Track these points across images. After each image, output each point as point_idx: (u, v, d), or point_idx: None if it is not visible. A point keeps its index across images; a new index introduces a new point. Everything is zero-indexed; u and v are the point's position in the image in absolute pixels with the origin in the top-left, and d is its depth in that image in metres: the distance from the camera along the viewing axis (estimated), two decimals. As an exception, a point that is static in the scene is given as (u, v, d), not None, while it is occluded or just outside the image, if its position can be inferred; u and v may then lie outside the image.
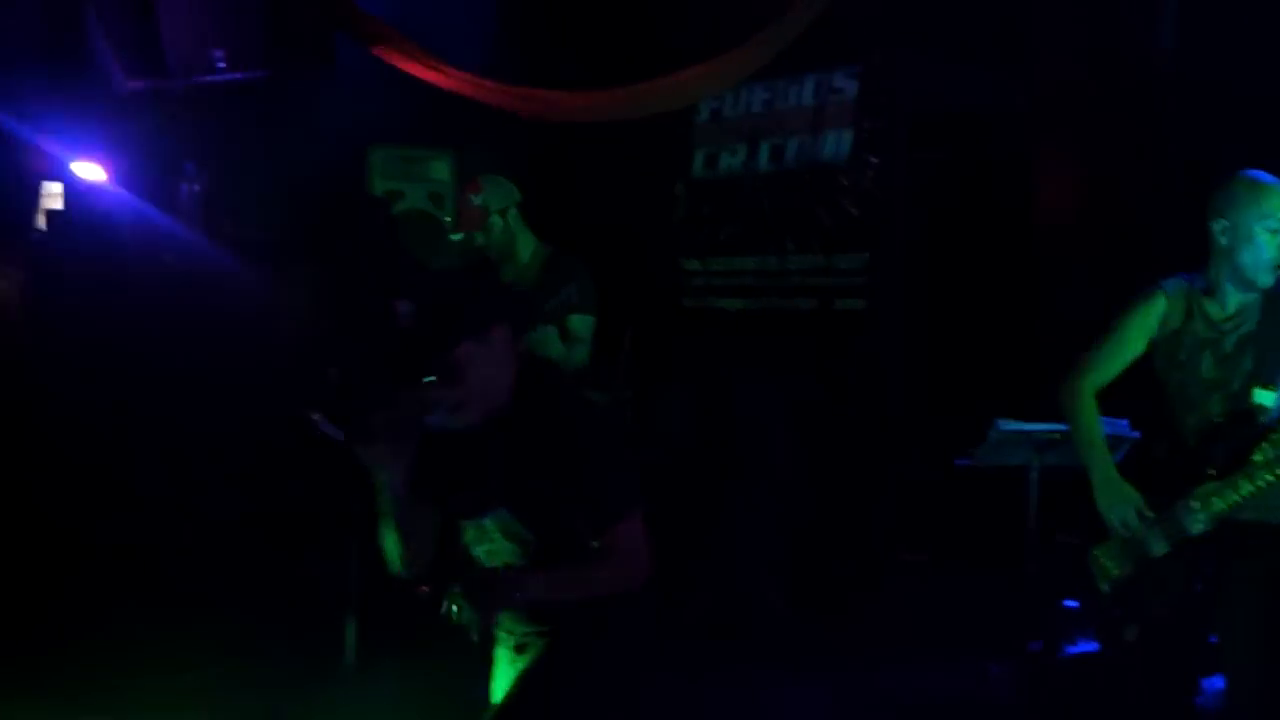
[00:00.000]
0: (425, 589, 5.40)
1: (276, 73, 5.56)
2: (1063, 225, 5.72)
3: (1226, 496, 3.50)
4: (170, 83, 5.55)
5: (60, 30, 5.48)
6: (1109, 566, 3.71)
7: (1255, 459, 3.49)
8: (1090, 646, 4.87)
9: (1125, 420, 4.25)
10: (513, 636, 3.03)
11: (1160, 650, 3.69)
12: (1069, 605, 4.92)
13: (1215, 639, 3.64)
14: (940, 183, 6.30)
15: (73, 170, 5.16)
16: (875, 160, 6.36)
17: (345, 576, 4.59)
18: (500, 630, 3.06)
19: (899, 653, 5.53)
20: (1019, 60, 5.58)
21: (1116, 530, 3.64)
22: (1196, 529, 3.55)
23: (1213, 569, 3.57)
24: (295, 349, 5.38)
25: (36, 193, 5.82)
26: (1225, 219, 3.58)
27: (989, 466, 4.77)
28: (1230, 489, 3.49)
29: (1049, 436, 4.58)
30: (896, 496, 6.14)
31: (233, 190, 5.80)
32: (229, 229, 5.59)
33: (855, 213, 6.43)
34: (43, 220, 5.70)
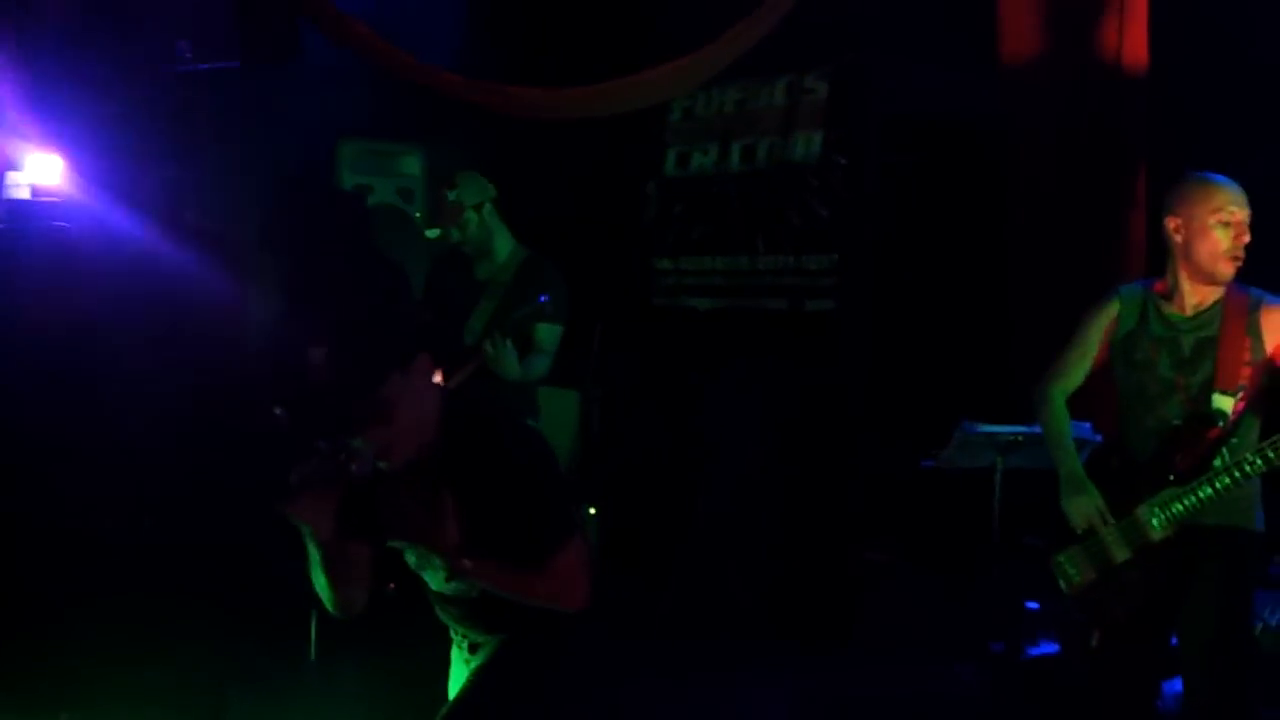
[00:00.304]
0: (391, 586, 5.39)
1: (243, 65, 5.51)
2: (1032, 228, 5.73)
3: (1186, 500, 3.52)
4: (137, 72, 5.51)
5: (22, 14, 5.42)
6: (1071, 572, 3.73)
7: (1215, 464, 3.52)
8: (1051, 648, 4.90)
9: (1088, 424, 4.28)
10: (467, 639, 3.01)
11: (1121, 653, 3.71)
12: (1031, 607, 4.95)
13: (1176, 642, 3.66)
14: (910, 185, 6.31)
15: (29, 162, 5.10)
16: (845, 162, 6.36)
17: (308, 572, 4.55)
18: (455, 635, 3.04)
19: (864, 653, 5.55)
20: (990, 63, 5.58)
21: (1077, 527, 3.67)
22: (1157, 534, 3.57)
23: (1174, 573, 3.59)
24: (261, 344, 5.36)
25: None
26: (1178, 215, 3.61)
27: (954, 468, 4.78)
28: (1190, 493, 3.52)
29: (1013, 438, 4.61)
30: (863, 497, 6.15)
31: (199, 182, 5.75)
32: (193, 221, 5.56)
33: (825, 214, 6.44)
34: None
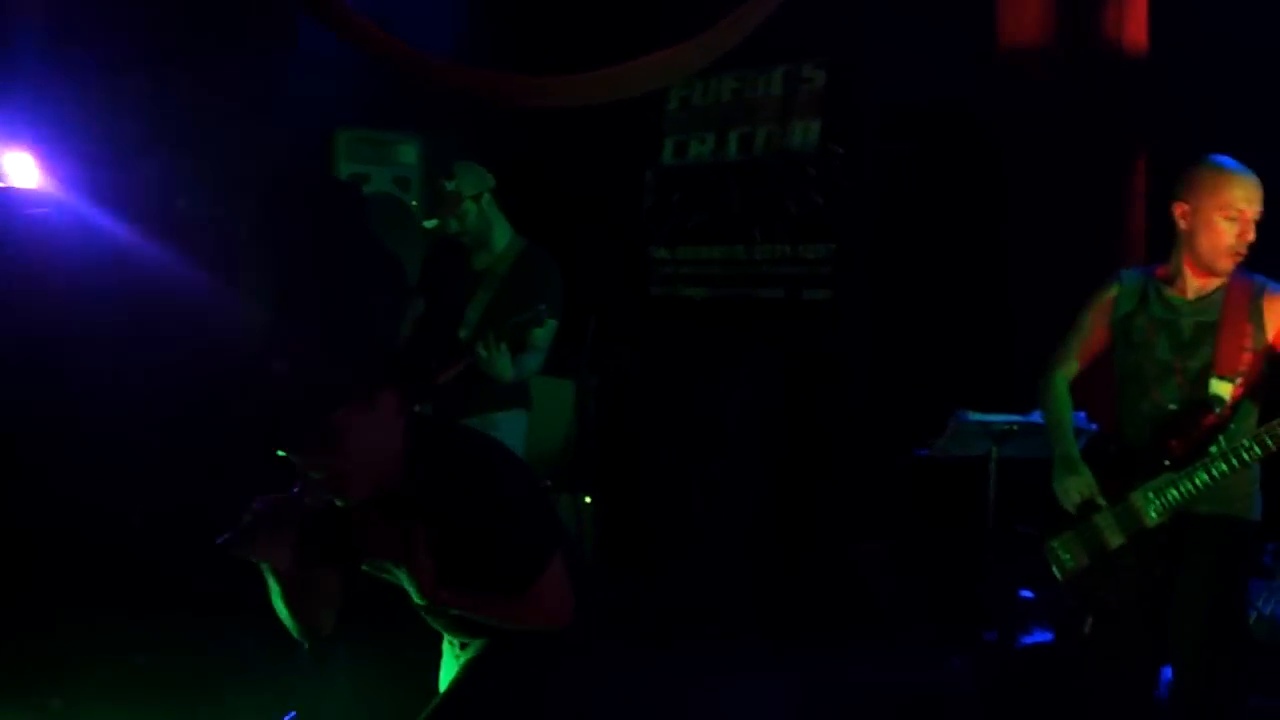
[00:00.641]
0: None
1: (240, 54, 5.50)
2: (1031, 216, 5.71)
3: (1181, 487, 3.51)
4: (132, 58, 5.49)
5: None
6: (1065, 558, 3.72)
7: (1211, 450, 3.50)
8: (1045, 637, 4.89)
9: (1082, 413, 4.26)
10: (455, 639, 3.00)
11: (1115, 641, 3.70)
12: (1025, 596, 4.94)
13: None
14: (908, 173, 6.29)
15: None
16: (842, 150, 6.34)
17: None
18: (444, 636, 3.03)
19: (858, 642, 5.54)
20: (989, 51, 5.56)
21: (1069, 507, 3.66)
22: (1152, 520, 3.56)
23: (1168, 560, 3.58)
24: (249, 337, 5.34)
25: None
26: (1186, 203, 3.60)
27: (948, 457, 4.77)
28: (1185, 479, 3.51)
29: (1008, 428, 4.59)
30: (858, 486, 6.14)
31: (191, 171, 5.74)
32: (185, 210, 5.55)
33: (822, 203, 6.42)
34: None
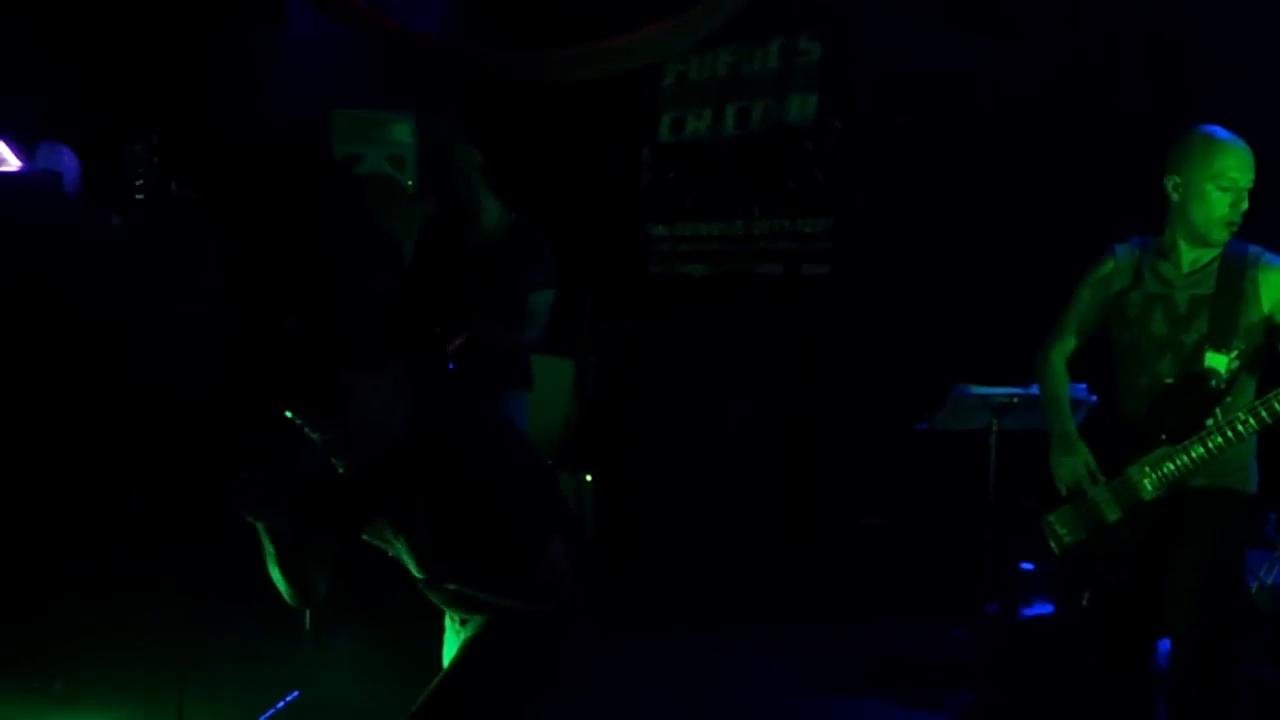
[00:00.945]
0: (390, 555, 5.36)
1: (230, 32, 5.47)
2: (1030, 190, 5.70)
3: (1178, 460, 3.50)
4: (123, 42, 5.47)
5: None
6: (1062, 532, 3.71)
7: (1208, 423, 3.49)
8: (1046, 609, 4.89)
9: (1083, 385, 4.25)
10: (457, 615, 3.00)
11: (1113, 614, 3.70)
12: (1026, 568, 4.94)
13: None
14: (906, 147, 6.26)
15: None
16: (840, 124, 6.31)
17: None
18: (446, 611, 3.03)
19: (859, 615, 5.55)
20: (986, 23, 5.53)
21: (1065, 484, 3.65)
22: (1148, 494, 3.56)
23: (1164, 534, 3.57)
24: (244, 314, 5.33)
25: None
26: (1178, 175, 3.56)
27: (948, 430, 4.76)
28: (1182, 453, 3.50)
29: (1008, 400, 4.57)
30: (857, 461, 6.13)
31: (184, 151, 5.72)
32: (178, 190, 5.53)
33: (820, 177, 6.39)
34: None
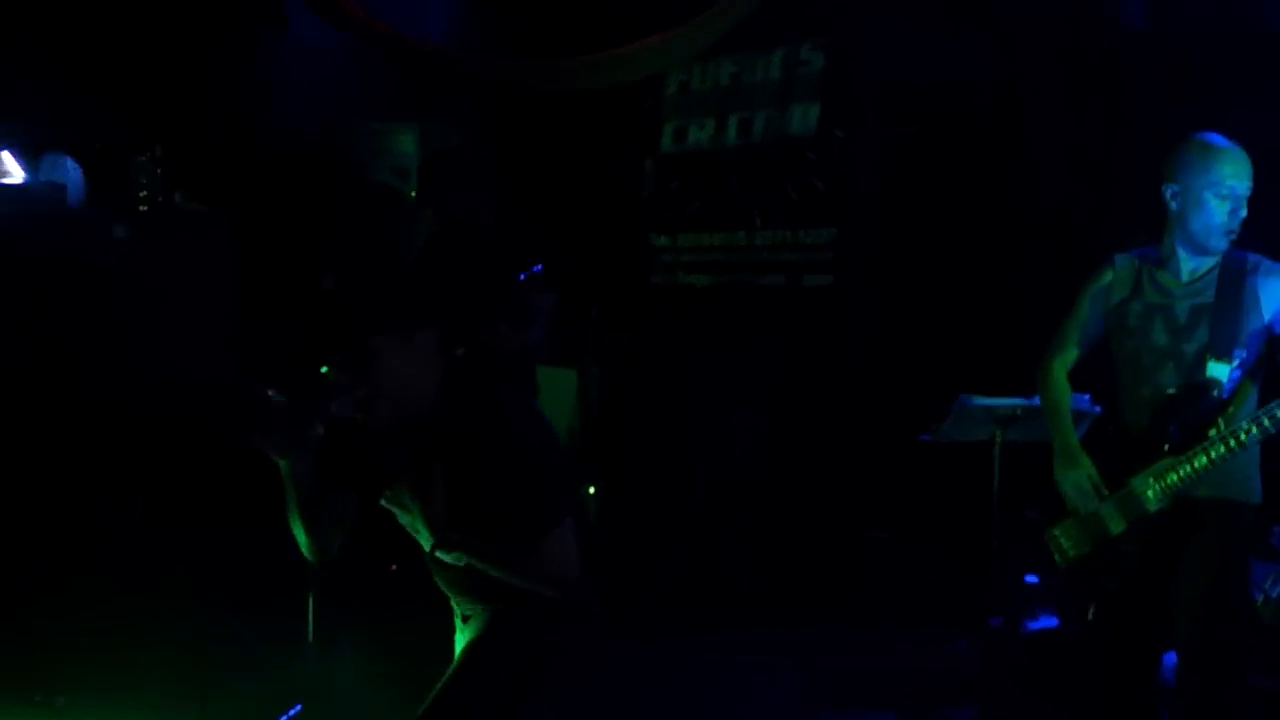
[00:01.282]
0: (394, 567, 5.36)
1: (231, 43, 5.48)
2: (1033, 200, 5.70)
3: (1181, 470, 3.50)
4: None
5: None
6: (1066, 545, 3.71)
7: (1210, 434, 3.49)
8: (1051, 622, 4.88)
9: (1087, 396, 4.24)
10: (460, 608, 2.99)
11: (1118, 626, 3.69)
12: (1030, 581, 4.93)
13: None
14: (908, 156, 6.26)
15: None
16: (842, 134, 6.32)
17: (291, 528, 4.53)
18: (452, 603, 3.02)
19: (863, 627, 5.54)
20: (989, 32, 5.54)
21: (1069, 498, 3.65)
22: (1153, 505, 3.55)
23: (1169, 545, 3.56)
24: (247, 324, 5.33)
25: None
26: (1176, 184, 3.57)
27: (952, 442, 4.75)
28: (1185, 463, 3.49)
29: (1012, 411, 4.56)
30: (861, 472, 6.12)
31: (187, 161, 5.72)
32: (182, 201, 5.53)
33: (822, 187, 6.40)
34: None
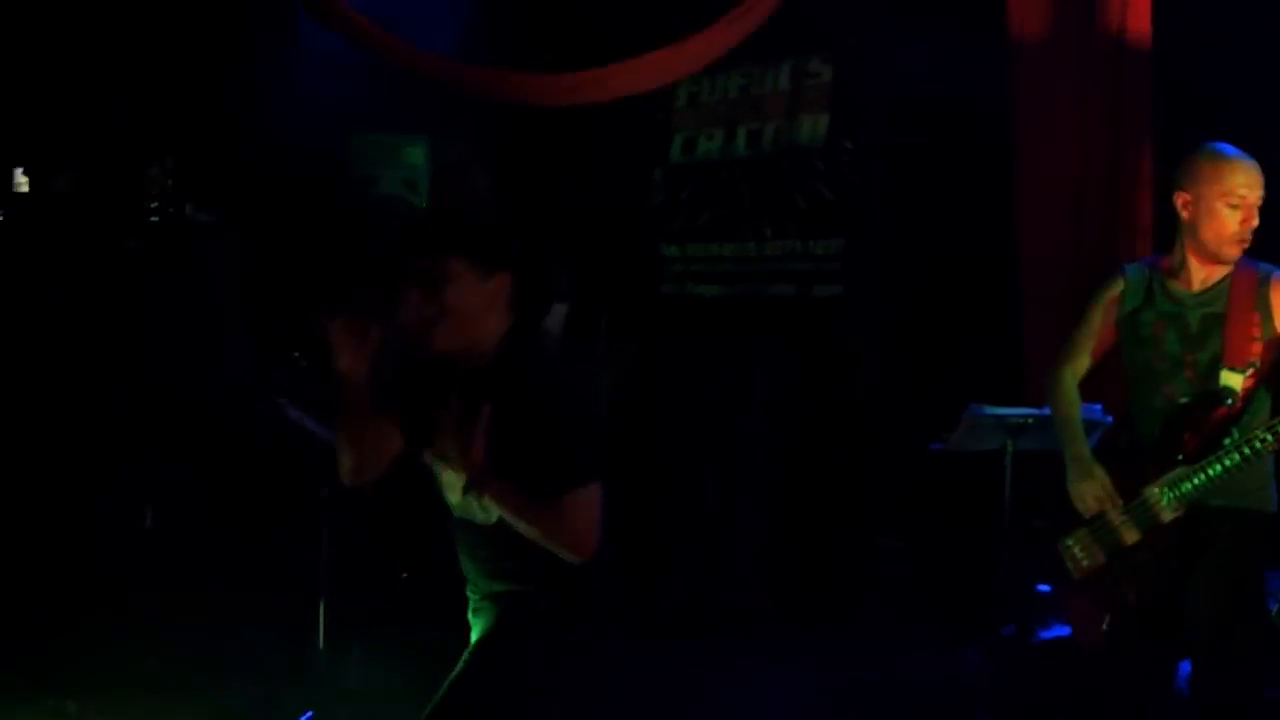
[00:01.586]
0: (405, 575, 5.37)
1: (242, 53, 5.50)
2: (1043, 210, 5.69)
3: (1196, 479, 3.49)
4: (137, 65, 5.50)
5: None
6: (1080, 555, 3.69)
7: (1225, 443, 3.48)
8: (1063, 631, 4.86)
9: (1099, 405, 4.24)
10: (474, 595, 3.00)
11: (1133, 637, 3.68)
12: (1042, 590, 4.91)
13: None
14: (918, 167, 6.27)
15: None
16: (851, 145, 6.33)
17: (316, 560, 4.57)
18: (468, 589, 3.03)
19: (873, 636, 5.54)
20: (999, 44, 5.54)
21: (1083, 510, 3.63)
22: (1167, 515, 3.54)
23: (1184, 555, 3.55)
24: (262, 334, 5.35)
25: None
26: (1187, 193, 3.56)
27: (963, 451, 4.74)
28: (1199, 472, 3.48)
29: (1023, 421, 4.56)
30: (872, 481, 6.12)
31: (200, 173, 5.74)
32: (194, 212, 5.56)
33: (831, 198, 6.41)
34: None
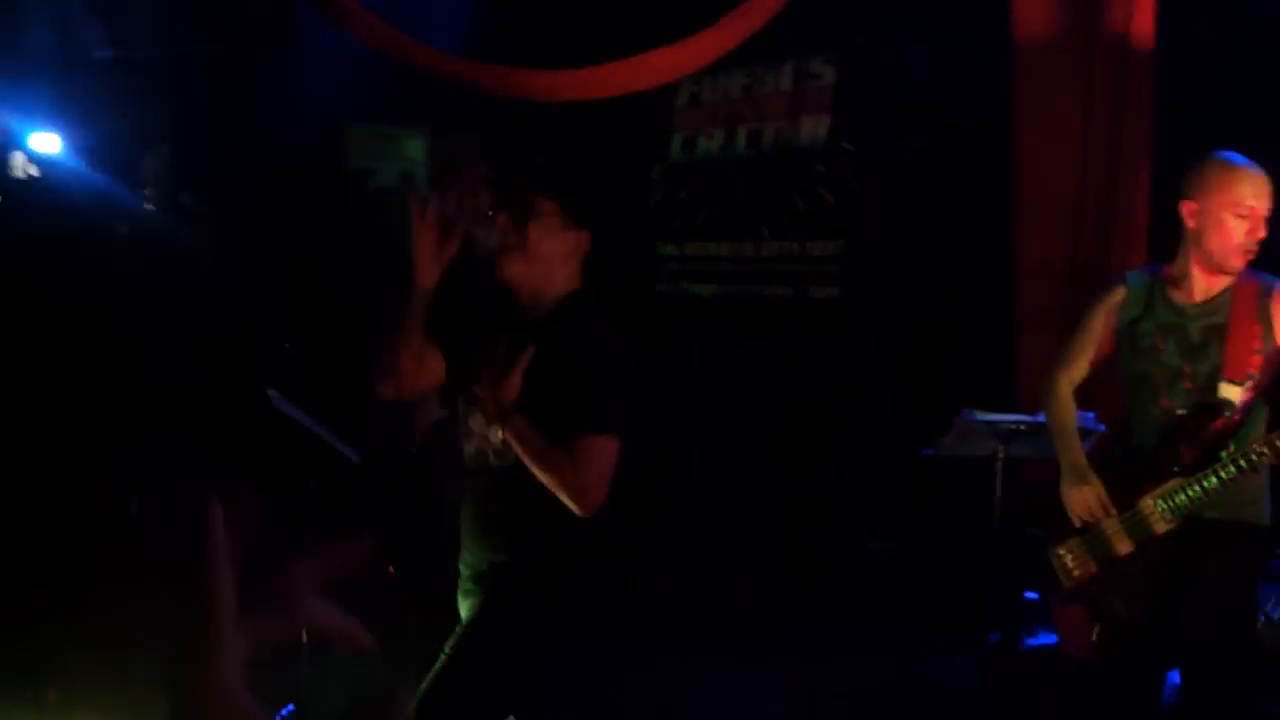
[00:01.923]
0: (391, 570, 5.34)
1: (243, 48, 5.49)
2: (1040, 215, 5.67)
3: (1191, 491, 3.46)
4: (136, 53, 5.49)
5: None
6: (1071, 565, 3.67)
7: (1222, 455, 3.45)
8: (1050, 639, 4.85)
9: (1091, 414, 4.22)
10: (466, 571, 3.00)
11: (1123, 646, 3.66)
12: (1030, 597, 4.90)
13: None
14: (917, 170, 6.25)
15: (30, 142, 5.11)
16: (851, 147, 6.31)
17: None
18: (460, 563, 3.04)
19: (861, 642, 5.52)
20: (1002, 49, 5.52)
21: (1078, 519, 3.61)
22: (1161, 526, 3.51)
23: (1177, 567, 3.53)
24: (250, 325, 5.31)
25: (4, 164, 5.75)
26: (1195, 201, 3.54)
27: (955, 457, 4.73)
28: (1195, 484, 3.45)
29: (1014, 427, 4.54)
30: (863, 485, 6.11)
31: (197, 164, 5.73)
32: (190, 202, 5.54)
33: (831, 200, 6.39)
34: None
